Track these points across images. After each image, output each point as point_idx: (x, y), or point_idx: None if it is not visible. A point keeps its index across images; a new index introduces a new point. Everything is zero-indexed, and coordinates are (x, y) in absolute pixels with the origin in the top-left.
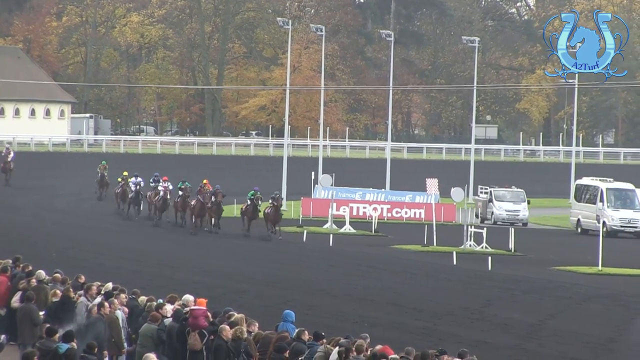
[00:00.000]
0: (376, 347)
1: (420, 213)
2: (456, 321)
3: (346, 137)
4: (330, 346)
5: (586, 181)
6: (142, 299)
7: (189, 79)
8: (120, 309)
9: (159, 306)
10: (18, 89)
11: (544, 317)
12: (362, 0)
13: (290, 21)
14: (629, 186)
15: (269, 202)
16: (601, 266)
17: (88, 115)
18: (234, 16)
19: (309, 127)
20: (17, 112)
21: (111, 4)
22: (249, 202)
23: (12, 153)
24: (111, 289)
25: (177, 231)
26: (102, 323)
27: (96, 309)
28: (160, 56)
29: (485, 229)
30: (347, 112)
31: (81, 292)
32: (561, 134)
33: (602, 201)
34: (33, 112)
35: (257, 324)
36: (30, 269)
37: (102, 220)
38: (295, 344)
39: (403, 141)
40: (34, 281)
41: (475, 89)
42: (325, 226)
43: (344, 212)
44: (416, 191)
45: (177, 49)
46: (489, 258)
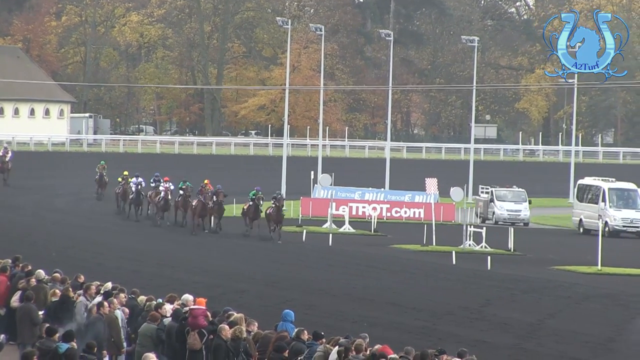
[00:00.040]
0: (375, 347)
1: (419, 213)
2: (455, 321)
3: (345, 137)
4: (330, 346)
5: (588, 181)
6: (142, 298)
7: (189, 79)
8: (119, 308)
9: (158, 306)
10: (17, 88)
11: (543, 317)
12: (361, 0)
13: (289, 21)
14: (631, 186)
15: (271, 202)
16: (600, 266)
17: (87, 114)
18: (233, 16)
19: (308, 127)
20: (17, 111)
21: (110, 4)
22: (250, 202)
23: (10, 153)
24: (110, 288)
25: (177, 231)
26: (102, 323)
27: (95, 309)
28: (159, 56)
29: (484, 228)
30: (346, 111)
31: (80, 291)
32: (560, 133)
33: (604, 201)
34: (32, 112)
35: (256, 324)
36: (30, 268)
37: (101, 220)
38: (295, 343)
39: (402, 141)
40: (33, 281)
41: (474, 88)
42: (325, 226)
43: (344, 211)
44: (415, 191)
45: (177, 48)
46: (488, 258)
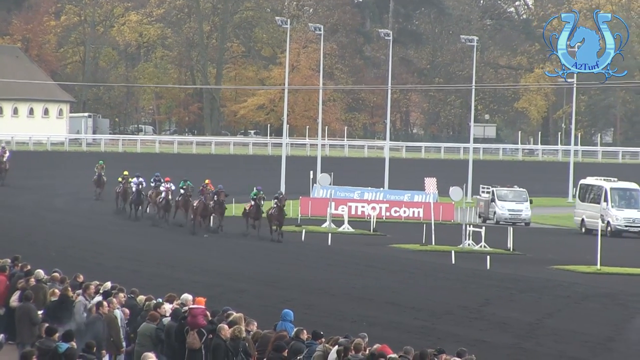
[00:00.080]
0: (374, 347)
1: (418, 212)
2: (455, 320)
3: (345, 137)
4: (329, 345)
5: (590, 181)
6: (141, 298)
7: (188, 78)
8: (118, 308)
9: (157, 305)
10: (16, 88)
11: (542, 316)
12: (360, 0)
13: (288, 20)
14: (633, 186)
15: (273, 202)
16: (600, 265)
17: (86, 114)
18: (232, 15)
19: (307, 127)
20: (16, 111)
21: (109, 3)
22: (252, 203)
23: (7, 152)
24: (110, 288)
25: (176, 231)
26: (101, 322)
27: (95, 309)
28: (158, 55)
29: (483, 228)
30: (345, 111)
31: (79, 291)
32: (560, 133)
33: (606, 201)
34: (31, 112)
35: (255, 323)
36: (29, 268)
37: (101, 219)
38: (294, 343)
39: (401, 140)
40: (32, 280)
41: (473, 88)
42: (324, 225)
43: (343, 211)
44: (415, 190)
45: (176, 48)
46: (488, 257)
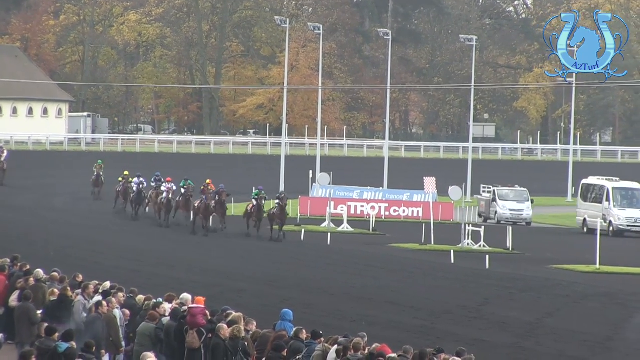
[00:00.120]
0: (374, 346)
1: (418, 212)
2: (454, 320)
3: (344, 136)
4: (328, 345)
5: (592, 180)
6: (140, 297)
7: (187, 78)
8: (118, 308)
9: (156, 305)
10: (16, 87)
11: (541, 316)
12: None
13: (287, 20)
14: (635, 185)
15: (275, 201)
16: (599, 265)
17: (86, 114)
18: (231, 15)
19: (306, 126)
20: (15, 111)
21: (109, 3)
22: (254, 203)
23: (5, 152)
24: (109, 287)
25: (176, 231)
26: (100, 322)
27: (94, 308)
28: (157, 55)
29: (482, 227)
30: (344, 110)
31: (79, 291)
32: (559, 132)
33: (608, 200)
34: (31, 111)
35: (255, 323)
36: (28, 267)
37: (100, 219)
38: (293, 342)
39: (401, 140)
40: (31, 280)
41: (472, 87)
42: (323, 225)
43: (342, 210)
44: (414, 190)
45: (175, 47)
46: (487, 257)
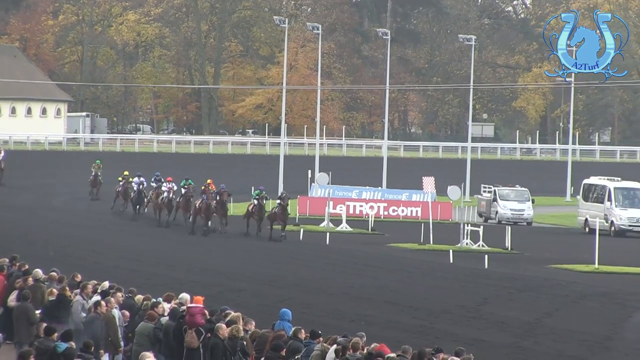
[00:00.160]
0: (373, 346)
1: (416, 211)
2: (453, 319)
3: (343, 136)
4: (327, 344)
5: (594, 180)
6: (139, 297)
7: (186, 78)
8: (116, 307)
9: (154, 304)
10: (14, 87)
11: (540, 315)
12: None
13: (286, 20)
14: (637, 185)
15: (277, 201)
16: (598, 264)
17: (84, 114)
18: (230, 15)
19: (305, 126)
20: (14, 110)
21: (107, 3)
22: (255, 202)
23: (2, 152)
24: (108, 287)
25: (175, 230)
26: (99, 322)
27: (93, 308)
28: (156, 55)
29: (481, 227)
30: (343, 110)
31: (77, 290)
32: (557, 132)
33: (610, 200)
34: (29, 111)
35: (253, 323)
36: (27, 267)
37: (99, 219)
38: (292, 342)
39: (400, 139)
40: (30, 280)
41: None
42: (322, 224)
43: (341, 210)
44: (413, 189)
45: (174, 47)
46: (486, 256)
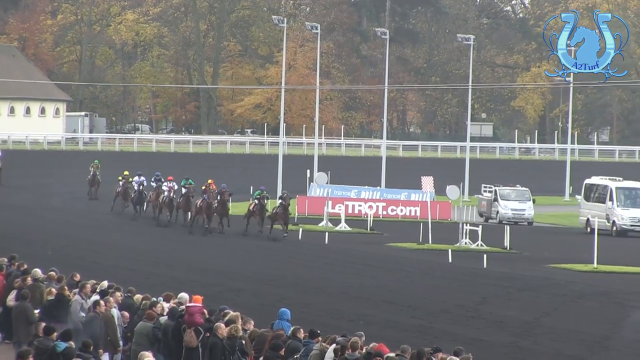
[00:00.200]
0: (371, 345)
1: (415, 211)
2: (451, 319)
3: (341, 135)
4: (326, 344)
5: (595, 180)
6: (138, 297)
7: (184, 77)
8: (115, 307)
9: (153, 304)
10: (13, 87)
11: (539, 315)
12: None
13: (285, 19)
14: (639, 185)
15: (278, 201)
16: (596, 264)
17: (83, 113)
18: (229, 14)
19: (304, 125)
20: (12, 110)
21: (106, 2)
22: (256, 202)
23: (0, 152)
24: (106, 287)
25: (174, 230)
26: (98, 321)
27: (92, 307)
28: (155, 54)
29: (480, 226)
30: (342, 110)
31: (76, 290)
32: (556, 131)
33: (611, 200)
34: (28, 111)
35: (252, 322)
36: (26, 267)
37: (98, 218)
38: (291, 342)
39: (398, 139)
40: (29, 279)
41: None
42: (321, 224)
43: (340, 210)
44: (411, 189)
45: (172, 47)
46: (484, 256)
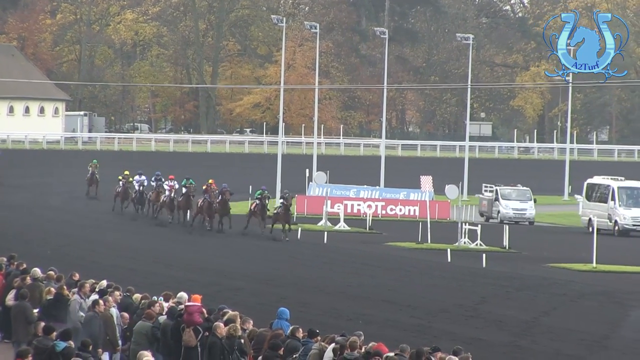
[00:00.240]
0: (370, 345)
1: (414, 210)
2: (450, 318)
3: (340, 135)
4: (325, 343)
5: (597, 180)
6: (137, 296)
7: (183, 77)
8: (114, 306)
9: (152, 303)
10: (12, 86)
11: (538, 314)
12: None
13: (284, 19)
14: None
15: (280, 201)
16: (595, 263)
17: (82, 113)
18: (228, 14)
19: (303, 125)
20: (12, 109)
21: (105, 2)
22: (257, 202)
23: None
24: (105, 286)
25: (174, 229)
26: (98, 321)
27: (91, 307)
28: (154, 54)
29: (479, 226)
30: (341, 109)
31: (75, 289)
32: (555, 131)
33: (613, 200)
34: (27, 110)
35: (251, 322)
36: (25, 266)
37: (97, 217)
38: (290, 341)
39: (397, 138)
40: (28, 279)
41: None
42: (320, 223)
43: (339, 209)
44: (410, 188)
45: (172, 46)
46: (483, 255)
